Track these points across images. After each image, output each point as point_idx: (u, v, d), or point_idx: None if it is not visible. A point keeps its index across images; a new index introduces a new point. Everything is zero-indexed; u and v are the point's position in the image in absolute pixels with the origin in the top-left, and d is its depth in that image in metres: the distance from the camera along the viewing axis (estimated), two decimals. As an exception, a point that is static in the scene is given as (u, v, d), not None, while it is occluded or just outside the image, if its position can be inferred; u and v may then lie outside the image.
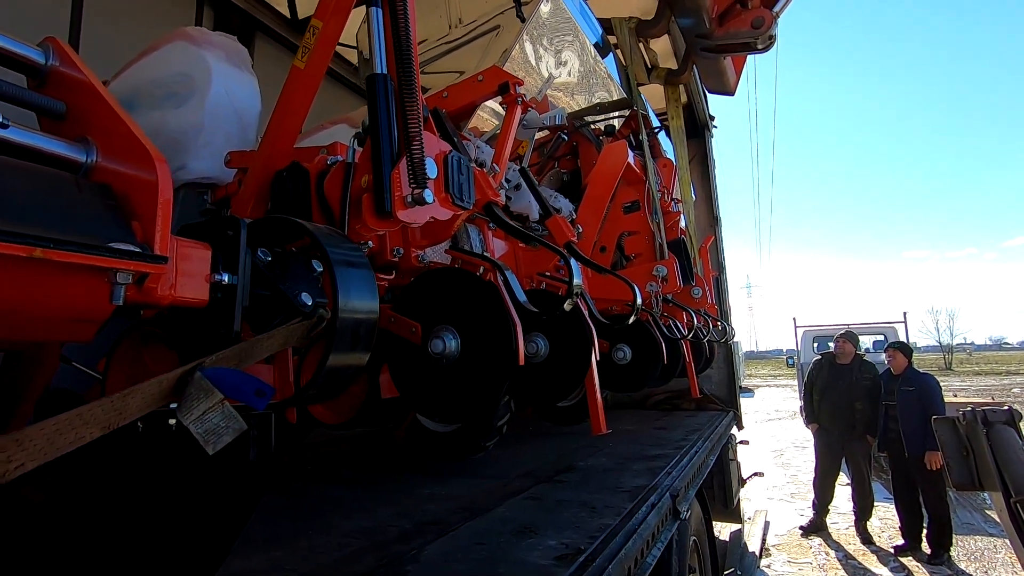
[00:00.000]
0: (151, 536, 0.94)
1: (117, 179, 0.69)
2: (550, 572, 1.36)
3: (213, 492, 0.91)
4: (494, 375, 1.50)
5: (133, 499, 0.93)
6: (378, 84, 1.13)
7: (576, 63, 2.75)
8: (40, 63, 0.79)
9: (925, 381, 5.29)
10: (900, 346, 5.65)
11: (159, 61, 2.09)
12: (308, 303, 0.84)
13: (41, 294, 0.53)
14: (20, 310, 0.53)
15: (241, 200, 1.50)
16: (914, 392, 5.13)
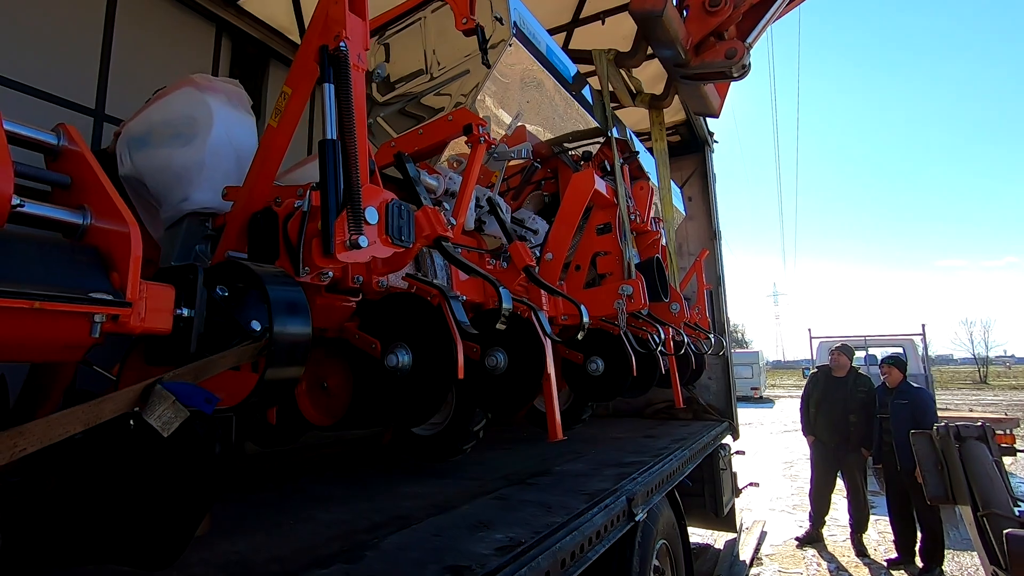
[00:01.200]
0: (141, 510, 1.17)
1: (102, 237, 0.92)
2: (485, 559, 1.56)
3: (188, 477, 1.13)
4: (438, 385, 1.72)
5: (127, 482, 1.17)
6: (328, 147, 1.37)
7: (549, 97, 2.96)
8: (54, 144, 1.02)
9: (918, 395, 5.33)
10: (894, 361, 5.68)
11: (169, 104, 2.36)
12: (257, 329, 1.07)
13: (40, 331, 0.76)
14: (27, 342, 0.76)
15: (228, 235, 1.76)
16: (907, 406, 5.17)
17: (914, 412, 5.00)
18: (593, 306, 3.14)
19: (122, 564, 1.24)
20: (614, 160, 3.20)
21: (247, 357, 1.05)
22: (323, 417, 2.29)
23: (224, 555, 1.61)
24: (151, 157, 2.29)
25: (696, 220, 6.29)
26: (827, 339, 13.63)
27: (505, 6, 2.56)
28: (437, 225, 1.80)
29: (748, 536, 5.79)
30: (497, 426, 4.62)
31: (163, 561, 1.19)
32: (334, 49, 1.52)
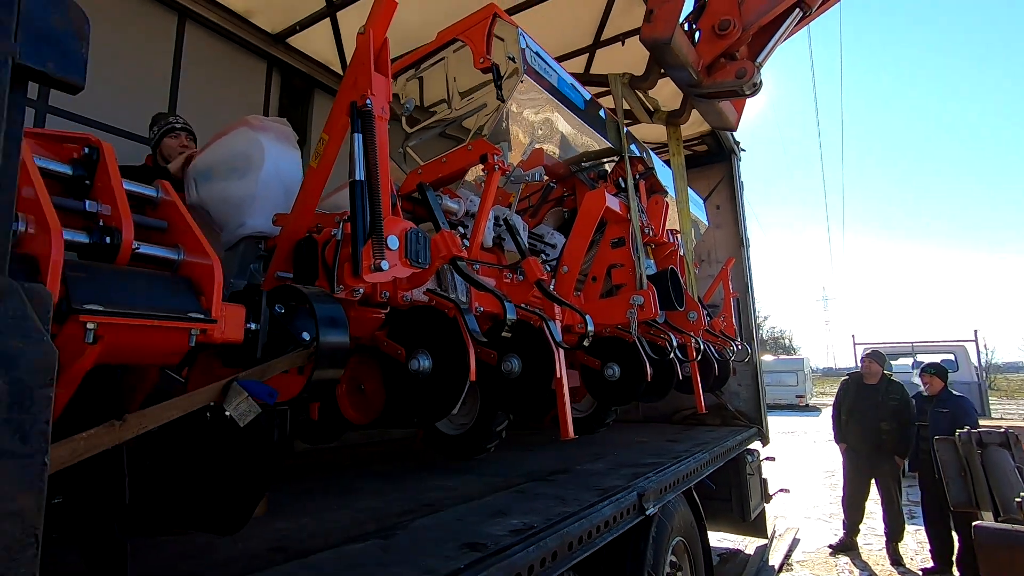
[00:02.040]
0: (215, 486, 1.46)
1: (193, 269, 1.20)
2: (499, 539, 1.79)
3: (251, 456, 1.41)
4: (454, 386, 1.98)
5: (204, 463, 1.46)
6: (356, 187, 1.65)
7: (563, 123, 3.20)
8: (154, 197, 1.33)
9: (959, 403, 5.26)
10: (936, 371, 5.63)
11: (228, 143, 2.73)
12: (307, 338, 1.34)
13: (155, 341, 1.03)
14: (145, 349, 1.04)
15: (277, 258, 2.08)
16: (948, 414, 5.13)
17: (954, 420, 4.95)
18: (607, 315, 3.35)
19: (200, 531, 1.53)
20: (625, 178, 3.38)
21: (299, 361, 1.32)
22: (360, 416, 2.58)
23: (276, 532, 1.90)
24: (213, 189, 2.67)
25: (724, 228, 6.37)
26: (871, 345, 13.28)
27: (517, 47, 2.79)
28: (452, 247, 2.04)
29: (779, 542, 5.80)
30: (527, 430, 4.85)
31: (231, 528, 1.48)
32: (362, 105, 1.79)
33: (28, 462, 0.61)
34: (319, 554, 1.66)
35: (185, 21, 3.98)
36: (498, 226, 2.81)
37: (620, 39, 4.67)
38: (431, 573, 1.49)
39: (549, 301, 2.61)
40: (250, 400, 1.15)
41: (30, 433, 0.61)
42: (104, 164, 1.20)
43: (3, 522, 0.59)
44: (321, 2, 4.14)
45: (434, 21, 3.13)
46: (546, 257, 3.59)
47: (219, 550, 1.71)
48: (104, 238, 1.08)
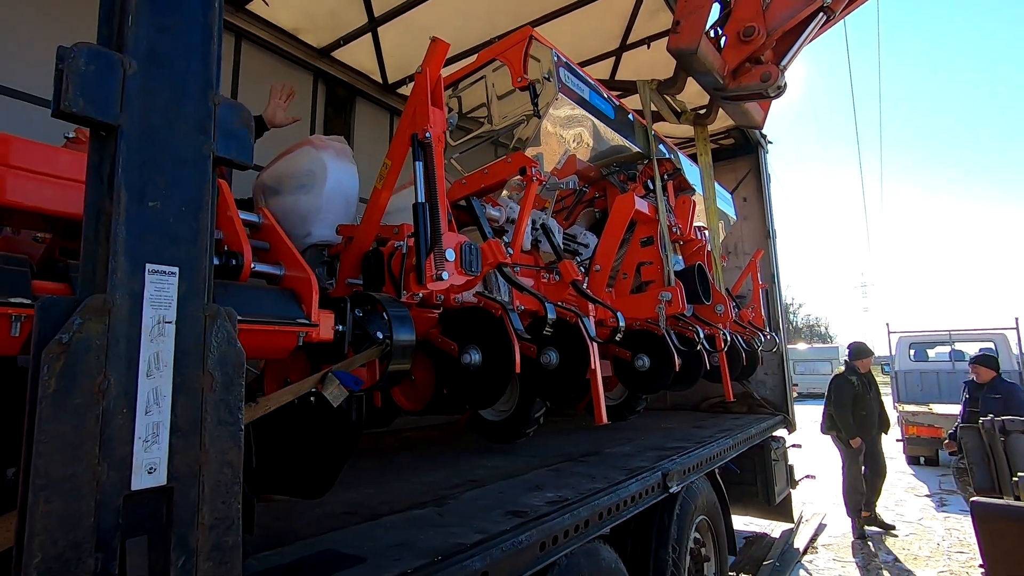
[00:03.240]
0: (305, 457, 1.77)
1: (294, 282, 1.50)
2: (538, 508, 2.06)
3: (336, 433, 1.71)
4: (500, 376, 2.26)
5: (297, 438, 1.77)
6: (419, 208, 1.91)
7: (594, 132, 3.42)
8: (257, 222, 1.63)
9: (1011, 389, 5.38)
10: (984, 361, 5.76)
11: (294, 160, 3.04)
12: (381, 337, 1.63)
13: (273, 341, 1.33)
14: (265, 347, 1.34)
15: (346, 267, 2.39)
16: (1000, 399, 5.22)
17: (1007, 405, 5.03)
18: (637, 310, 3.56)
19: (292, 496, 1.85)
20: (655, 179, 3.58)
21: (375, 356, 1.62)
22: (411, 404, 2.89)
23: (347, 499, 2.21)
24: (281, 203, 2.99)
25: (751, 220, 6.48)
26: (907, 334, 13.03)
27: (552, 66, 3.02)
28: (499, 255, 2.30)
29: (805, 527, 5.96)
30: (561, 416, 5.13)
31: (317, 493, 1.79)
32: (422, 137, 2.05)
33: (233, 428, 0.91)
34: (387, 517, 1.97)
35: (241, 41, 4.33)
36: (535, 230, 3.06)
37: (646, 42, 4.83)
38: (483, 533, 1.78)
39: (583, 299, 2.84)
40: (341, 387, 1.44)
41: (234, 408, 0.91)
42: (223, 196, 1.50)
43: (224, 468, 0.89)
44: (363, 18, 4.43)
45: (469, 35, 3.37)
46: (582, 257, 3.83)
47: (303, 513, 2.03)
48: (230, 260, 1.38)
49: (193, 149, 0.91)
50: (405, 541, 1.71)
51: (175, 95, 0.90)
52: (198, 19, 0.94)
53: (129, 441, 0.79)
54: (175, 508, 0.83)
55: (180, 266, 0.87)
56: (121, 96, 0.83)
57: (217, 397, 0.90)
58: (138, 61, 0.86)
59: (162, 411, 0.83)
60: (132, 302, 0.81)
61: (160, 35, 0.89)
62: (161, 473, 0.82)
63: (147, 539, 0.81)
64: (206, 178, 0.93)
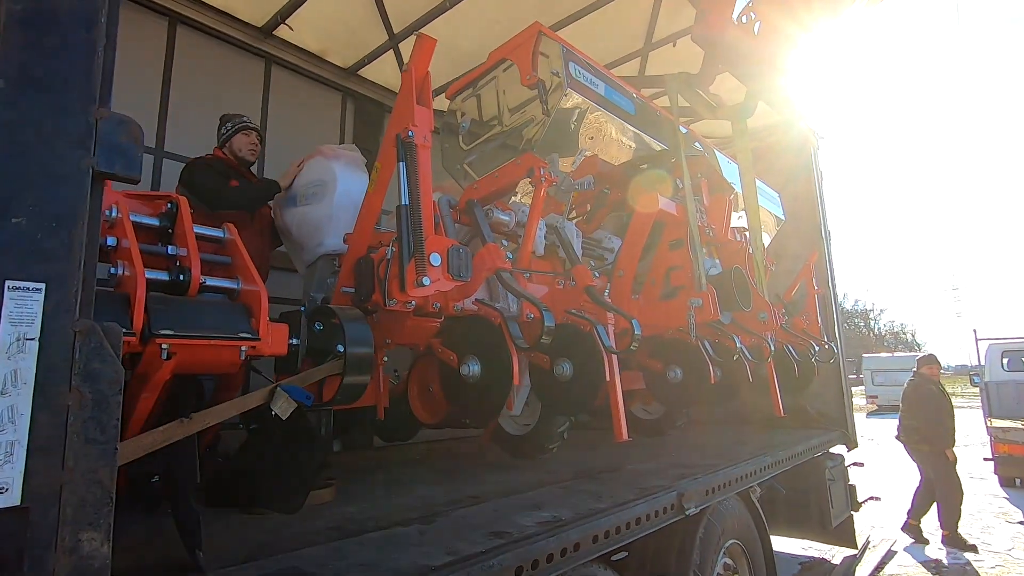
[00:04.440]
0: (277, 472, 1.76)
1: (247, 296, 1.50)
2: (525, 529, 1.96)
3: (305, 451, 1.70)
4: (498, 389, 2.16)
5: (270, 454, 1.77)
6: (402, 212, 1.86)
7: (613, 130, 3.27)
8: (222, 238, 1.65)
9: None
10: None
11: (306, 171, 3.12)
12: (341, 350, 1.60)
13: (215, 355, 1.33)
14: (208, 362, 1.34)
15: (343, 274, 2.38)
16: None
17: None
18: (667, 318, 3.34)
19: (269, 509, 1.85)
20: (684, 178, 3.37)
21: (334, 370, 1.59)
22: (430, 416, 2.84)
23: (340, 514, 2.18)
24: (295, 214, 3.07)
25: (802, 222, 6.06)
26: (999, 341, 11.80)
27: (561, 62, 2.91)
28: (497, 260, 2.22)
29: (871, 554, 5.45)
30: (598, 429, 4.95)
31: (292, 508, 1.78)
32: (405, 137, 2.00)
33: (105, 447, 0.88)
34: (369, 534, 1.92)
35: (271, 66, 4.52)
36: (550, 234, 2.93)
37: (671, 40, 4.65)
38: (454, 554, 1.70)
39: (599, 306, 2.70)
40: (290, 400, 1.42)
41: (107, 426, 0.89)
42: (181, 215, 1.53)
43: (91, 487, 0.86)
44: (384, 36, 4.52)
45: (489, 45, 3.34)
46: (607, 263, 3.61)
47: (290, 528, 2.02)
48: (179, 276, 1.40)
49: (69, 165, 0.91)
50: (373, 561, 1.66)
51: (49, 112, 0.90)
52: (79, 35, 0.94)
53: (-24, 460, 0.78)
54: (31, 529, 0.81)
55: (47, 282, 0.86)
56: (-18, 115, 0.83)
57: (86, 415, 0.88)
58: (5, 80, 0.86)
59: (18, 429, 0.81)
60: (-13, 319, 0.80)
61: (31, 52, 0.89)
62: (14, 493, 0.80)
63: (-2, 561, 0.79)
64: (83, 193, 0.92)
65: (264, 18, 4.29)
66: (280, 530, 1.96)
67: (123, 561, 1.60)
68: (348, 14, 4.35)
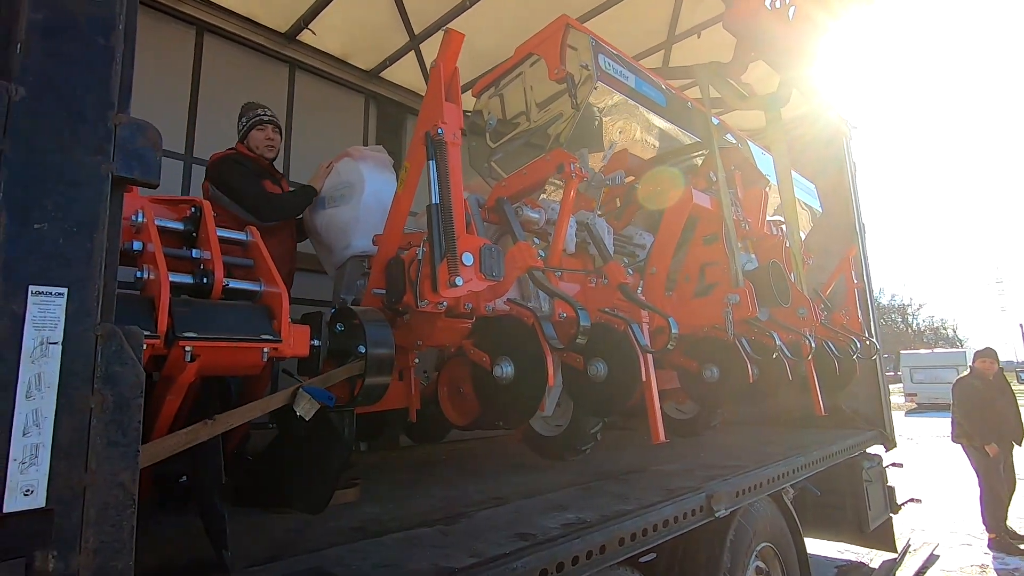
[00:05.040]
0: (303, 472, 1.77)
1: (269, 299, 1.51)
2: (549, 531, 1.94)
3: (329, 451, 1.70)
4: (532, 391, 2.13)
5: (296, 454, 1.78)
6: (432, 211, 1.84)
7: (644, 123, 3.17)
8: (245, 240, 1.67)
9: None
10: None
11: (334, 174, 3.12)
12: (363, 351, 1.60)
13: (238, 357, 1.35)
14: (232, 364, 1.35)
15: (374, 276, 2.38)
16: None
17: None
18: (702, 315, 3.25)
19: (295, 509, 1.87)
20: (718, 170, 3.27)
21: (355, 371, 1.59)
22: (461, 418, 2.81)
23: (364, 514, 2.19)
24: (323, 216, 3.08)
25: (835, 215, 5.87)
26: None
27: (590, 54, 2.83)
28: (528, 259, 2.16)
29: (912, 558, 5.26)
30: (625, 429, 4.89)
31: (317, 508, 1.79)
32: (434, 134, 1.95)
33: (127, 449, 0.89)
34: (392, 534, 1.93)
35: (295, 71, 4.59)
36: (580, 231, 2.88)
37: (695, 31, 4.55)
38: (477, 556, 1.69)
39: (633, 304, 2.63)
40: (312, 401, 1.42)
41: (128, 429, 0.90)
42: (205, 219, 1.55)
43: (114, 489, 0.87)
44: (405, 37, 4.54)
45: (507, 44, 3.32)
46: (636, 259, 3.56)
47: (314, 527, 2.04)
48: (203, 279, 1.42)
49: (88, 170, 0.92)
50: (394, 562, 1.66)
51: (68, 119, 0.91)
52: (98, 43, 0.95)
53: (2, 463, 0.79)
54: (55, 531, 0.82)
55: (69, 286, 0.87)
56: (4, 123, 0.85)
57: (108, 418, 0.89)
58: (27, 87, 0.87)
59: (43, 432, 0.83)
60: (12, 323, 0.82)
61: (51, 60, 0.90)
62: (39, 495, 0.82)
63: (24, 563, 0.81)
64: (102, 198, 0.93)
65: (287, 24, 4.35)
66: (305, 529, 1.98)
67: (153, 559, 1.64)
68: (369, 17, 4.38)
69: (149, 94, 3.77)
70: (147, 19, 3.83)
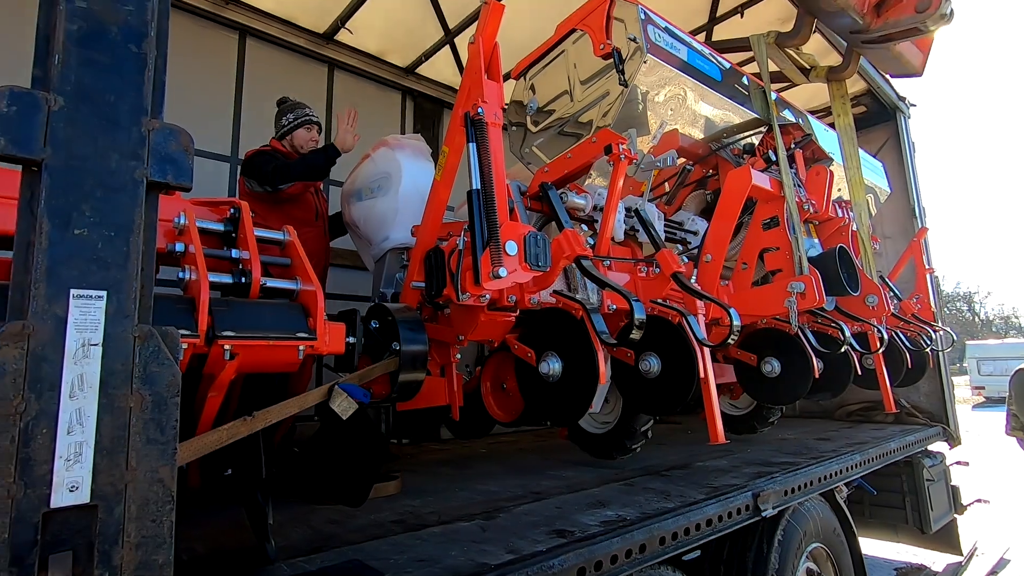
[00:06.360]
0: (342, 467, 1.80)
1: (305, 297, 1.54)
2: (588, 528, 1.91)
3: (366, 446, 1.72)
4: (583, 389, 2.04)
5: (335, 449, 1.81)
6: (473, 197, 1.75)
7: (698, 99, 2.99)
8: (283, 240, 1.70)
9: None
10: None
11: (371, 164, 3.09)
12: (397, 348, 1.60)
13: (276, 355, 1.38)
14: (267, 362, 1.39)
15: (412, 268, 2.32)
16: None
17: None
18: (762, 305, 3.07)
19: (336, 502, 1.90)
20: (778, 148, 3.06)
21: (392, 367, 1.60)
22: (505, 414, 2.74)
23: (403, 507, 2.22)
24: (361, 208, 3.05)
25: (892, 198, 5.57)
26: None
27: (638, 26, 2.67)
28: (576, 246, 2.01)
29: (979, 562, 4.96)
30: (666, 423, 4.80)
31: (357, 501, 1.81)
32: (474, 114, 1.86)
33: (165, 447, 0.91)
34: (430, 528, 1.94)
35: (334, 70, 4.67)
36: (629, 218, 2.76)
37: (738, 11, 4.36)
38: (514, 552, 1.68)
39: (689, 294, 2.50)
40: (349, 399, 1.44)
41: (166, 427, 0.92)
42: (244, 220, 1.58)
43: (153, 486, 0.90)
44: (440, 32, 4.55)
45: (541, 34, 3.24)
46: (688, 246, 3.43)
47: (355, 520, 2.07)
48: (241, 278, 1.45)
49: (124, 176, 0.94)
50: (432, 557, 1.67)
51: (104, 125, 0.93)
52: (130, 51, 0.97)
53: (49, 460, 0.82)
54: (99, 525, 0.85)
55: (108, 289, 0.90)
56: (45, 132, 0.87)
57: (147, 416, 0.91)
58: (64, 97, 0.90)
59: (86, 431, 0.85)
60: (55, 326, 0.85)
61: (86, 69, 0.93)
62: (84, 491, 0.84)
63: (72, 555, 0.84)
64: (138, 202, 0.95)
65: (325, 24, 4.43)
66: (345, 522, 2.01)
67: (201, 548, 1.70)
68: (404, 14, 4.40)
69: (196, 98, 3.92)
70: (192, 25, 3.98)
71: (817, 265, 3.05)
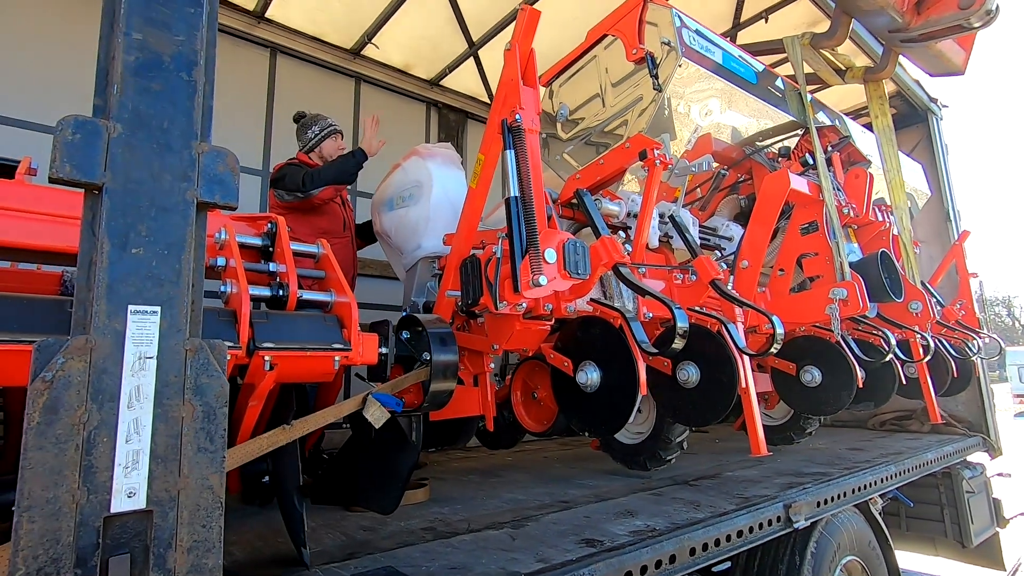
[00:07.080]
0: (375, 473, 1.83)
1: (340, 309, 1.58)
2: (617, 537, 1.91)
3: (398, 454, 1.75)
4: (622, 400, 2.01)
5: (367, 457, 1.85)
6: (512, 204, 1.73)
7: (732, 102, 2.96)
8: (317, 253, 1.76)
9: None
10: None
11: (401, 173, 3.11)
12: (427, 358, 1.64)
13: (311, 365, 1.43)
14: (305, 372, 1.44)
15: (446, 277, 2.32)
16: None
17: None
18: (801, 313, 3.03)
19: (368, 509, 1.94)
20: (816, 151, 3.02)
21: (422, 377, 1.64)
22: (536, 424, 2.73)
23: (432, 514, 2.25)
24: (392, 217, 3.08)
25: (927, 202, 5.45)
26: None
27: (672, 30, 2.66)
28: (614, 253, 1.96)
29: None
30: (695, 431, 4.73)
31: (389, 508, 1.85)
32: (512, 121, 1.86)
33: (214, 455, 0.95)
34: (460, 536, 1.96)
35: (360, 84, 4.78)
36: (664, 224, 2.75)
37: (762, 16, 4.33)
38: (544, 561, 1.69)
39: (727, 302, 2.46)
40: (382, 408, 1.47)
41: (215, 436, 0.96)
42: (280, 234, 1.64)
43: (204, 492, 0.94)
44: (464, 45, 4.62)
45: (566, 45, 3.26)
46: (722, 252, 3.39)
47: (387, 527, 2.11)
48: (279, 291, 1.51)
49: (176, 197, 0.99)
50: (463, 564, 1.69)
51: (158, 150, 0.99)
52: (182, 79, 1.03)
53: (109, 467, 0.87)
54: (154, 530, 0.89)
55: (162, 305, 0.95)
56: (105, 158, 0.93)
57: (197, 426, 0.95)
58: (122, 124, 0.96)
59: (142, 440, 0.90)
60: (115, 340, 0.90)
61: (142, 97, 0.98)
62: (140, 497, 0.89)
63: (130, 557, 0.88)
64: (188, 222, 1.00)
65: (352, 40, 4.54)
66: (377, 528, 2.05)
67: (240, 553, 1.76)
68: (429, 28, 4.49)
69: (229, 115, 4.05)
70: (225, 43, 4.11)
71: (858, 270, 2.98)
